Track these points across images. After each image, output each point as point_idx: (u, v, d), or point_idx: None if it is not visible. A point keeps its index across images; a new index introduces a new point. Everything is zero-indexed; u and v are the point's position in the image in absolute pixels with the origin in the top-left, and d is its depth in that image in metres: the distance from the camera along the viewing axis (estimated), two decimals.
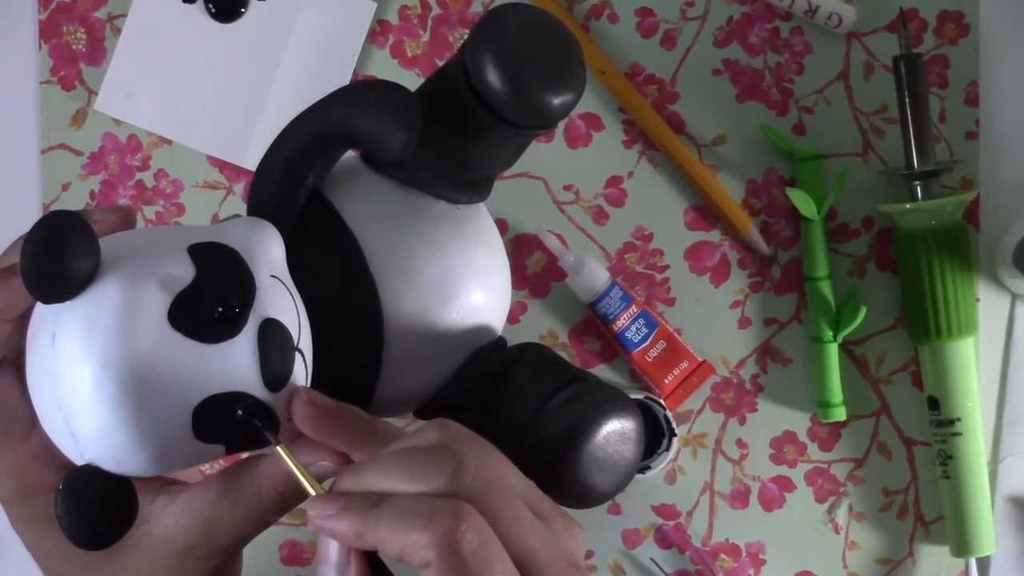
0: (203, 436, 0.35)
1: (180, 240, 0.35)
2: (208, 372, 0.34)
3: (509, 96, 0.39)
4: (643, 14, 0.63)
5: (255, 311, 0.35)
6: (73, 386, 0.33)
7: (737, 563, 0.64)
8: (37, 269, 0.32)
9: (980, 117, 0.63)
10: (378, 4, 0.62)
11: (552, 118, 0.40)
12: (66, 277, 0.32)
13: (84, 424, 0.33)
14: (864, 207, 0.63)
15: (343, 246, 0.41)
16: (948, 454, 0.61)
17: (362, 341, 0.41)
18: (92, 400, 0.33)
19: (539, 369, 0.45)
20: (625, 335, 0.61)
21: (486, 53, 0.39)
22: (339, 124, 0.39)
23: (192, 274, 0.34)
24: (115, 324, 0.33)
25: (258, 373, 0.35)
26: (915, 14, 0.63)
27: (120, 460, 0.34)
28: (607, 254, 0.63)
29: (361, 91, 0.40)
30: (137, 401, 0.33)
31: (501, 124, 0.41)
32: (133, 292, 0.33)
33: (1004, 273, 0.62)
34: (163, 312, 0.33)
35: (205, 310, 0.34)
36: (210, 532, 0.39)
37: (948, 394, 0.61)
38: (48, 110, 0.62)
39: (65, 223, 0.32)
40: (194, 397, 0.34)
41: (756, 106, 0.63)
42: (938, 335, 0.61)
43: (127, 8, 0.61)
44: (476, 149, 0.42)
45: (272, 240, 0.37)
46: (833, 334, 0.62)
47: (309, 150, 0.40)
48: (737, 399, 0.63)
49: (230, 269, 0.35)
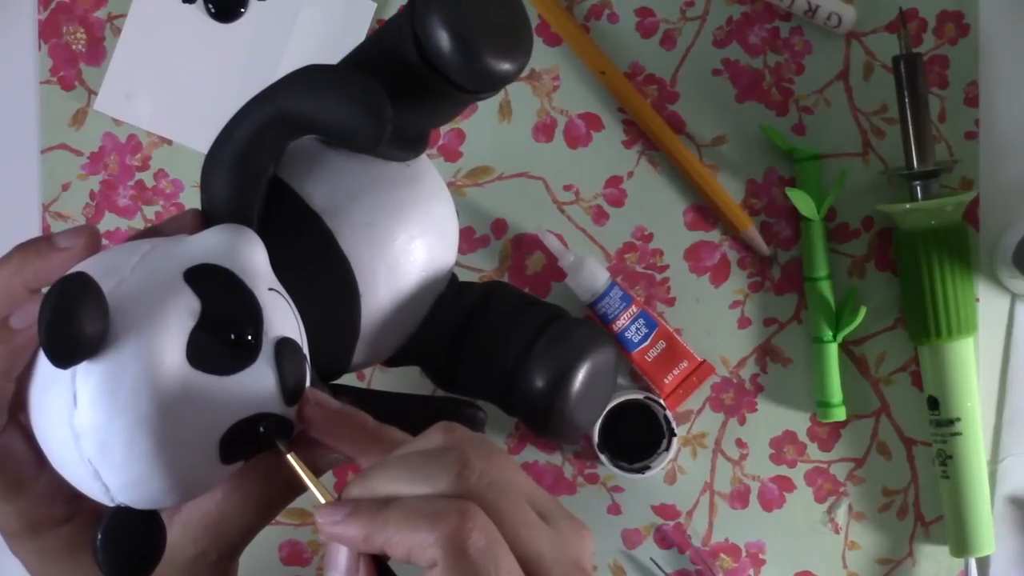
0: (228, 460, 0.35)
1: (172, 266, 0.35)
2: (231, 401, 0.34)
3: (464, 64, 0.40)
4: (643, 14, 0.63)
5: (266, 333, 0.35)
6: (104, 443, 0.33)
7: (737, 563, 0.64)
8: (56, 337, 0.32)
9: (980, 117, 0.63)
10: (378, 4, 0.62)
11: (505, 82, 0.41)
12: (85, 342, 0.32)
13: (117, 476, 0.33)
14: (864, 207, 0.63)
15: (312, 229, 0.41)
16: (948, 454, 0.61)
17: (341, 317, 0.41)
18: (126, 455, 0.33)
19: (512, 313, 0.46)
20: (625, 335, 0.61)
21: (439, 22, 0.39)
22: (300, 114, 0.38)
23: (198, 306, 0.34)
24: (139, 379, 0.33)
25: (279, 393, 0.35)
26: (915, 14, 0.63)
27: (154, 501, 0.34)
28: (607, 254, 0.63)
29: (320, 79, 0.39)
30: (171, 450, 0.33)
31: (453, 90, 0.41)
32: (150, 343, 0.33)
33: (1004, 273, 0.62)
34: (182, 355, 0.33)
35: (220, 343, 0.34)
36: (220, 534, 0.39)
37: (948, 394, 0.61)
38: (48, 110, 0.62)
39: (75, 288, 0.32)
40: (220, 428, 0.34)
41: (756, 106, 0.63)
42: (938, 335, 0.61)
43: (127, 8, 0.61)
44: (423, 112, 0.43)
45: (258, 249, 0.37)
46: (833, 334, 0.62)
47: (267, 139, 0.40)
48: (737, 399, 0.63)
49: (233, 293, 0.35)
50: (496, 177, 0.63)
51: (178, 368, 0.33)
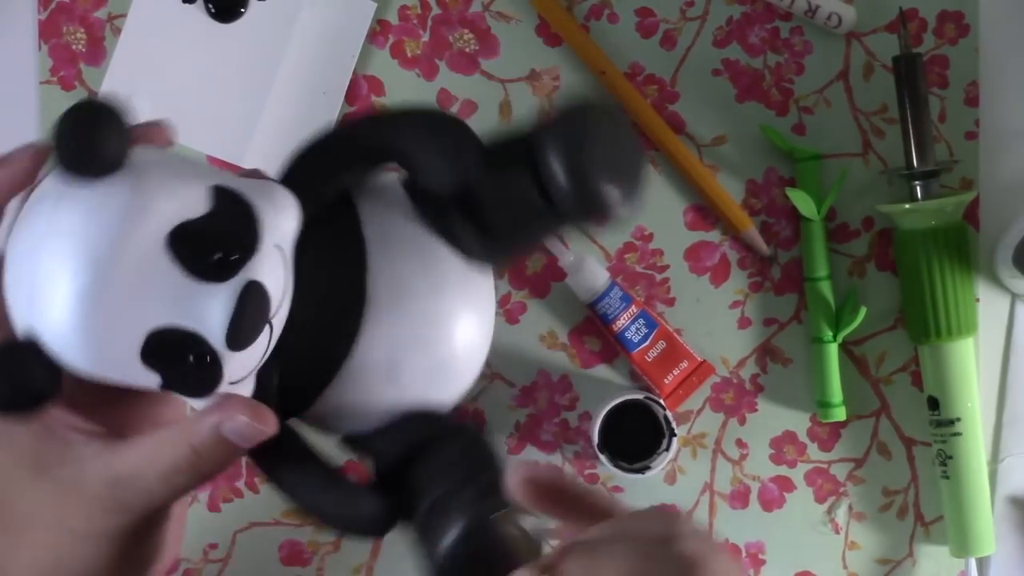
0: (147, 360, 0.35)
1: (207, 177, 0.36)
2: (179, 303, 0.35)
3: (575, 199, 0.39)
4: (643, 14, 0.63)
5: (247, 269, 0.35)
6: (51, 263, 0.33)
7: (737, 563, 0.64)
8: (72, 139, 0.33)
9: (980, 117, 0.63)
10: (378, 4, 0.62)
11: (609, 220, 0.41)
12: (96, 155, 0.33)
13: (45, 300, 0.34)
14: (864, 207, 0.63)
15: (351, 253, 0.41)
16: (948, 454, 0.61)
17: (330, 346, 0.41)
18: (63, 283, 0.33)
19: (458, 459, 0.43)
20: (625, 335, 0.61)
21: (560, 155, 0.39)
22: (396, 147, 0.40)
23: (205, 208, 0.35)
24: (115, 224, 0.33)
25: (225, 326, 0.35)
26: (915, 14, 0.63)
27: (62, 347, 0.35)
28: (607, 254, 0.63)
29: (428, 120, 0.41)
30: (104, 302, 0.34)
31: (551, 215, 0.41)
32: (143, 201, 0.34)
33: (1004, 273, 0.62)
34: (163, 231, 0.34)
35: (204, 247, 0.35)
36: (118, 487, 0.38)
37: (948, 394, 0.61)
38: (48, 110, 0.62)
39: (107, 108, 0.33)
40: (155, 319, 0.35)
41: (756, 106, 0.63)
42: (938, 335, 0.61)
43: (127, 8, 0.61)
44: (514, 225, 0.42)
45: (290, 212, 0.38)
46: (833, 334, 0.62)
47: (358, 158, 0.41)
48: (737, 399, 0.63)
49: (241, 221, 0.36)
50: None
51: (152, 238, 0.34)
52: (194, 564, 0.63)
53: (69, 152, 0.34)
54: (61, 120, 0.33)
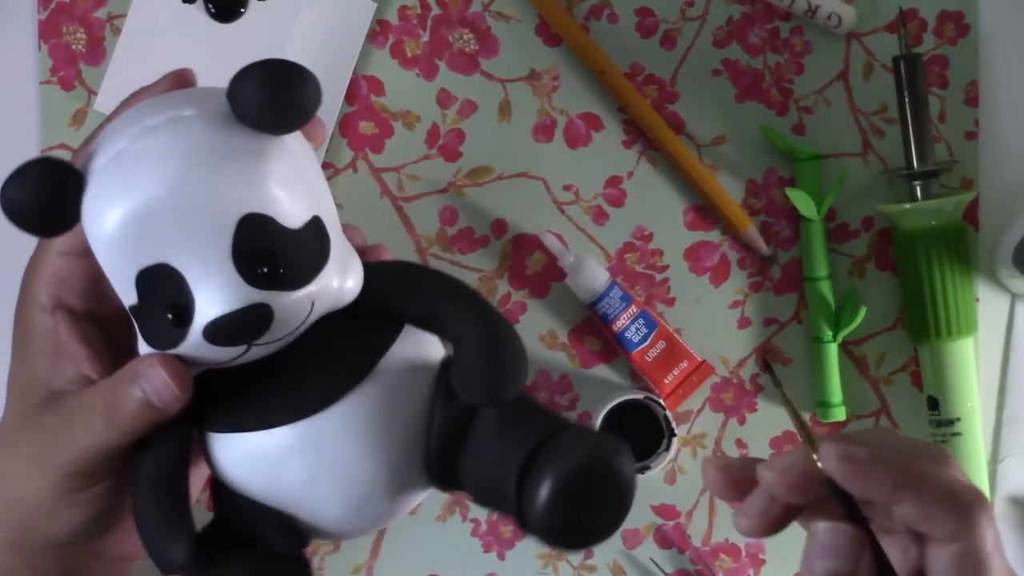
0: (141, 278, 0.38)
1: (319, 197, 0.41)
2: (203, 267, 0.37)
3: (544, 532, 0.40)
4: (643, 14, 0.63)
5: (276, 295, 0.38)
6: (153, 151, 0.37)
7: (737, 563, 0.64)
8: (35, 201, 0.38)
9: (980, 117, 0.63)
10: (378, 4, 0.62)
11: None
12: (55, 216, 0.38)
13: (128, 175, 0.37)
14: (864, 207, 0.63)
15: (353, 366, 0.41)
16: None
17: (271, 410, 0.41)
18: (150, 170, 0.37)
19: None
20: (625, 335, 0.61)
21: (545, 500, 0.39)
22: (465, 346, 0.41)
23: (295, 226, 0.38)
24: (231, 180, 0.37)
25: (214, 316, 0.37)
26: (915, 14, 0.63)
27: (100, 212, 0.38)
28: (607, 254, 0.63)
29: (506, 337, 0.42)
30: (154, 214, 0.37)
31: (519, 520, 0.41)
32: (261, 177, 0.38)
33: (1004, 273, 0.62)
34: (243, 214, 0.38)
35: (263, 256, 0.37)
36: (63, 443, 0.41)
37: (948, 394, 0.61)
38: (48, 110, 0.62)
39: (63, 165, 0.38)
40: (177, 259, 0.37)
41: (756, 106, 0.63)
42: (938, 335, 0.61)
43: (127, 8, 0.61)
44: (482, 496, 0.43)
45: (347, 288, 0.41)
46: (833, 334, 0.62)
47: (426, 317, 0.42)
48: (737, 399, 0.63)
49: (307, 258, 0.39)
50: (496, 177, 0.63)
51: (237, 214, 0.37)
52: None
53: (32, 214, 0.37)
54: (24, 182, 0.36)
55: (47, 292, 0.44)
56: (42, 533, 0.43)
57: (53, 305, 0.44)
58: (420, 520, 0.63)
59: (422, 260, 0.62)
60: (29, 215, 0.37)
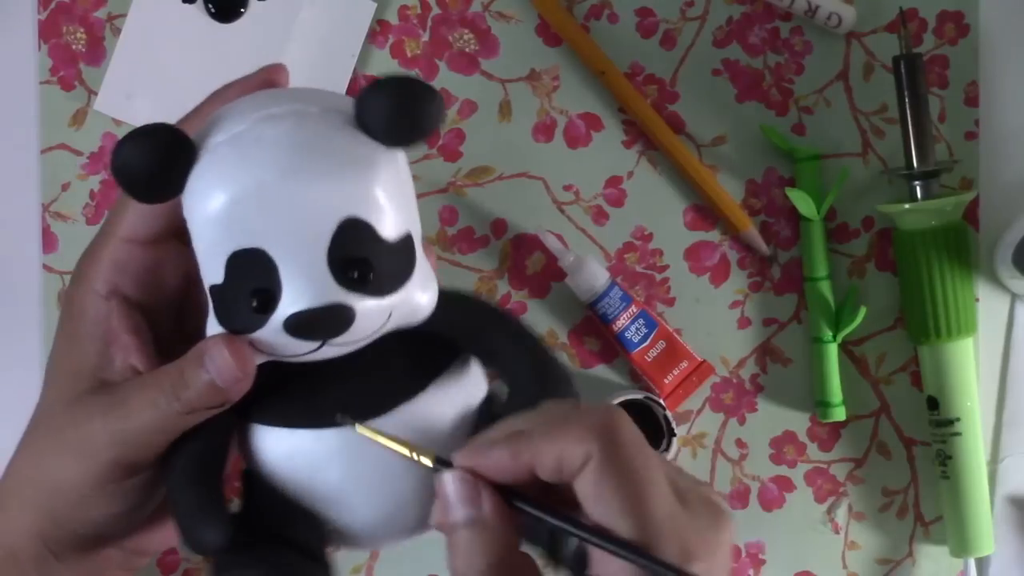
0: (233, 259, 0.38)
1: (412, 214, 0.41)
2: (295, 260, 0.38)
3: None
4: (643, 14, 0.63)
5: (359, 297, 0.38)
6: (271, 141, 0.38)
7: (737, 563, 0.64)
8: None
9: (980, 117, 0.63)
10: (378, 4, 0.62)
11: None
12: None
13: (244, 159, 0.38)
14: (864, 207, 0.63)
15: (406, 384, 0.42)
16: (947, 454, 0.61)
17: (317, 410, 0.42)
18: (265, 153, 0.37)
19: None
20: (625, 335, 0.61)
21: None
22: (514, 372, 0.43)
23: (391, 238, 0.39)
24: (340, 182, 0.38)
25: (295, 309, 0.37)
26: (915, 14, 0.63)
27: (212, 181, 0.38)
28: (607, 254, 0.63)
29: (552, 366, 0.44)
30: (261, 197, 0.37)
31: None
32: (372, 185, 0.39)
33: (1004, 273, 0.62)
34: (343, 218, 0.38)
35: (356, 263, 0.38)
36: (112, 423, 0.41)
37: (948, 394, 0.61)
38: (48, 110, 0.62)
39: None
40: (273, 246, 0.38)
41: (756, 106, 0.63)
42: (938, 335, 0.61)
43: (127, 8, 0.61)
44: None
45: (420, 304, 0.41)
46: (833, 334, 0.62)
47: (487, 348, 0.44)
48: (737, 399, 0.63)
49: (393, 272, 0.39)
50: (496, 177, 0.63)
51: (340, 215, 0.38)
52: (195, 563, 0.63)
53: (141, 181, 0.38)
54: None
55: (104, 277, 0.43)
56: (75, 522, 0.43)
57: (109, 291, 0.43)
58: None
59: None
60: (139, 177, 0.38)
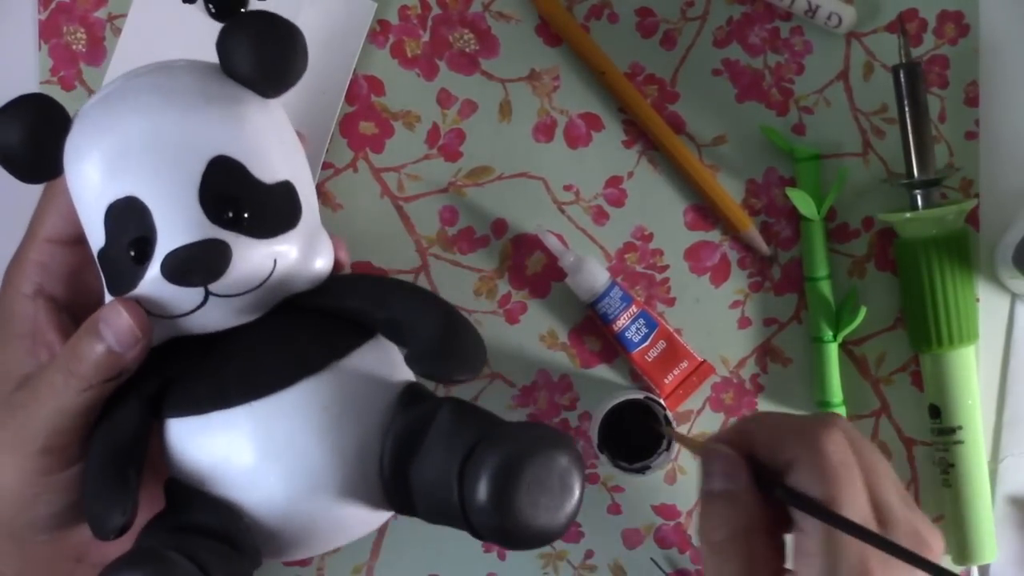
0: (109, 214, 0.38)
1: (295, 158, 0.43)
2: (170, 203, 0.38)
3: (490, 520, 0.39)
4: (643, 14, 0.63)
5: (237, 238, 0.38)
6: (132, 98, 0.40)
7: None
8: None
9: (980, 117, 0.63)
10: (378, 4, 0.62)
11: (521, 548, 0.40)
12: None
13: (110, 111, 0.39)
14: (864, 207, 0.63)
15: (318, 353, 0.42)
16: (950, 462, 0.61)
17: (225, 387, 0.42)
18: (131, 110, 0.39)
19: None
20: (625, 335, 0.61)
21: (487, 488, 0.39)
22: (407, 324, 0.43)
23: (273, 180, 0.40)
24: (207, 118, 0.39)
25: (171, 248, 0.37)
26: (915, 14, 0.63)
27: (84, 143, 0.40)
28: (607, 254, 0.63)
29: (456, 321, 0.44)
30: (134, 150, 0.38)
31: (467, 527, 0.41)
32: (255, 123, 0.41)
33: (1004, 273, 0.62)
34: (214, 154, 0.39)
35: (229, 199, 0.39)
36: (30, 414, 0.41)
37: (950, 403, 0.61)
38: None
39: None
40: (146, 192, 0.38)
41: (756, 106, 0.63)
42: (939, 344, 0.60)
43: (127, 8, 0.61)
44: (428, 510, 0.44)
45: (315, 258, 0.42)
46: (833, 334, 0.62)
47: (382, 320, 0.43)
48: (737, 399, 0.63)
49: (280, 212, 0.40)
50: (496, 177, 0.63)
51: (212, 152, 0.38)
52: None
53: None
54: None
55: (29, 279, 0.44)
56: (22, 519, 0.43)
57: (34, 291, 0.44)
58: (420, 520, 0.63)
59: (422, 260, 0.62)
60: (14, 152, 0.39)
